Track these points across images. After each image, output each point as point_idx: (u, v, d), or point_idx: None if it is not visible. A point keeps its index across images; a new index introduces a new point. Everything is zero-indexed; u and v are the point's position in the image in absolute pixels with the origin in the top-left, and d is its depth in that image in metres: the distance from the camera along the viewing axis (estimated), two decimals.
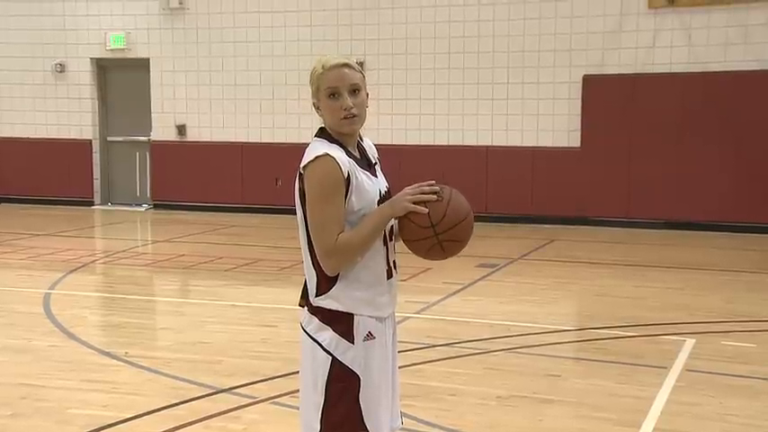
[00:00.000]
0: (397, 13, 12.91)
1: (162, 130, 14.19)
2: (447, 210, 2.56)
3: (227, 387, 5.06)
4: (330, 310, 2.62)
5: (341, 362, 2.60)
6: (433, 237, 2.56)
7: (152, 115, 14.24)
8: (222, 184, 13.77)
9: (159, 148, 14.20)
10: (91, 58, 14.41)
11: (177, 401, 4.80)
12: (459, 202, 2.61)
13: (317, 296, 2.64)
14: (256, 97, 13.70)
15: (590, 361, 5.90)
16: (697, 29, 11.70)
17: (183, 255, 9.87)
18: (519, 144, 12.52)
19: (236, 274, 8.76)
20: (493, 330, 6.38)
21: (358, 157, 2.67)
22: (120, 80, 14.57)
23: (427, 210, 2.54)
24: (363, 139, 2.77)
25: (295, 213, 2.70)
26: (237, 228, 12.28)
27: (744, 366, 5.52)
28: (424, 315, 6.93)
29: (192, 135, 14.08)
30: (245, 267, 9.08)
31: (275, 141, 13.58)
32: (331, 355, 2.61)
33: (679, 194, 11.71)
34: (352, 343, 2.61)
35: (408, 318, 6.67)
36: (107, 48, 14.27)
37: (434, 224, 2.54)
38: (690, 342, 6.05)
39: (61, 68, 14.47)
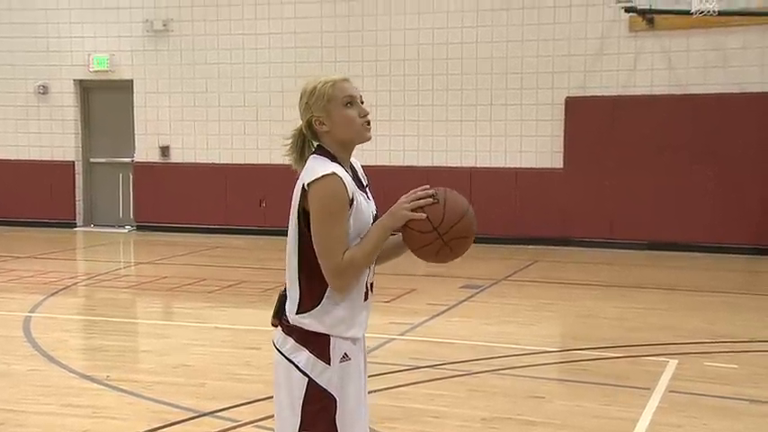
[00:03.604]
0: (380, 35, 12.99)
1: (145, 152, 14.16)
2: (445, 210, 2.57)
3: (209, 410, 5.02)
4: (307, 330, 2.61)
5: (317, 383, 2.59)
6: (438, 239, 2.56)
7: (135, 137, 14.21)
8: (206, 205, 13.74)
9: (142, 170, 14.16)
10: (74, 80, 14.38)
11: (159, 425, 4.76)
12: (455, 199, 2.62)
13: (297, 313, 2.62)
14: (240, 119, 13.71)
15: (574, 382, 5.90)
16: (677, 52, 11.84)
17: (166, 277, 9.82)
18: (502, 165, 12.59)
19: (219, 296, 8.72)
20: (477, 352, 6.38)
21: (351, 176, 2.67)
22: (104, 102, 14.54)
23: (426, 215, 2.54)
24: (352, 159, 2.78)
25: (285, 235, 2.68)
26: (221, 249, 12.25)
27: (726, 387, 5.54)
28: (408, 336, 6.92)
29: (176, 156, 14.06)
30: (228, 289, 9.05)
31: (259, 163, 13.58)
32: (307, 376, 2.60)
33: (661, 216, 11.80)
34: (329, 364, 2.60)
35: (392, 339, 6.66)
36: (90, 69, 14.25)
37: (436, 227, 2.55)
38: (673, 363, 6.07)
39: (44, 90, 14.42)
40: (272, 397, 2.57)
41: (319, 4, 13.22)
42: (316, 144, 2.69)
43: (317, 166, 2.57)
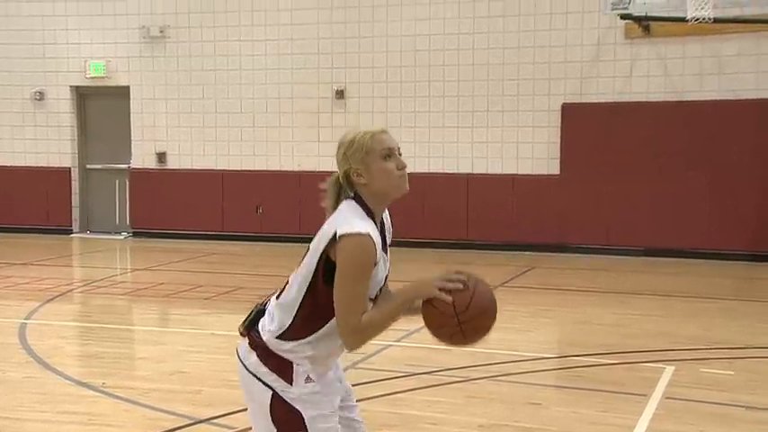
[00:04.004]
0: (377, 42, 13.01)
1: (142, 158, 14.15)
2: (472, 299, 2.56)
3: (205, 417, 5.00)
4: (269, 350, 2.62)
5: (281, 396, 2.60)
6: (456, 325, 2.55)
7: (132, 143, 14.21)
8: (202, 211, 13.73)
9: (139, 176, 14.15)
10: (70, 86, 14.38)
11: None
12: (483, 292, 2.60)
13: (277, 337, 2.62)
14: (237, 125, 13.72)
15: (571, 389, 5.90)
16: (672, 59, 11.88)
17: (163, 283, 9.80)
18: (499, 171, 12.60)
19: (215, 302, 8.71)
20: (474, 358, 6.37)
21: (380, 234, 2.64)
22: (100, 108, 14.54)
23: (452, 299, 2.53)
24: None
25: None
26: (217, 256, 12.23)
27: (722, 394, 5.54)
28: (405, 343, 6.90)
29: (172, 163, 14.05)
30: (224, 296, 9.03)
31: (256, 169, 13.58)
32: (271, 389, 2.61)
33: (658, 222, 11.81)
34: (291, 385, 2.61)
35: (389, 346, 6.65)
36: (87, 76, 14.26)
37: (458, 313, 2.54)
38: (669, 370, 6.06)
39: (40, 96, 14.42)
40: None
41: (316, 11, 13.24)
42: (352, 193, 2.66)
43: (354, 220, 2.55)
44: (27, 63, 14.43)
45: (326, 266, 2.55)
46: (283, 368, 2.61)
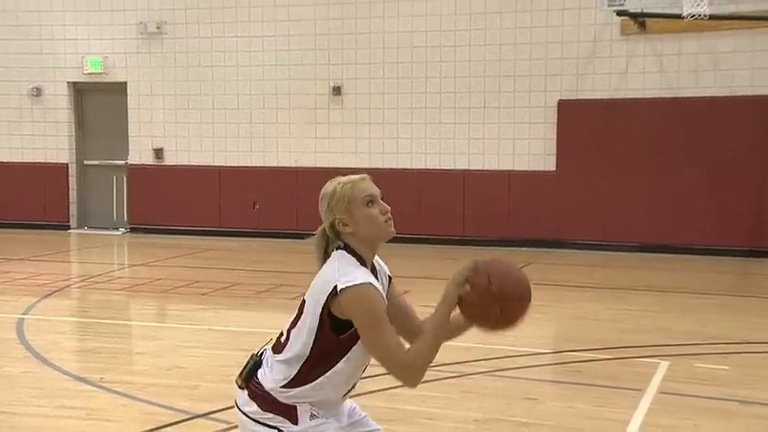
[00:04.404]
0: (374, 38, 13.00)
1: (139, 154, 14.14)
2: (490, 274, 2.56)
3: (203, 412, 5.01)
4: (270, 400, 2.61)
5: None
6: (492, 304, 2.55)
7: (129, 139, 14.19)
8: (199, 207, 13.72)
9: (136, 172, 14.14)
10: (68, 82, 14.35)
11: (153, 427, 4.76)
12: (497, 262, 2.62)
13: (282, 387, 2.61)
14: (234, 121, 13.70)
15: (567, 384, 5.91)
16: (668, 55, 11.89)
17: (160, 279, 9.80)
18: (495, 168, 12.61)
19: (212, 298, 8.71)
20: (470, 353, 6.37)
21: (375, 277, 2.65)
22: (98, 104, 14.52)
23: (470, 285, 2.55)
24: (376, 259, 2.75)
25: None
26: (214, 252, 12.23)
27: (717, 389, 5.56)
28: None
29: (170, 159, 14.04)
30: (221, 291, 9.03)
31: (253, 165, 13.57)
32: (275, 428, 2.61)
33: (653, 218, 11.83)
34: (296, 425, 2.60)
35: None
36: (84, 72, 14.23)
37: (484, 292, 2.54)
38: (664, 364, 6.08)
39: (37, 92, 14.39)
40: None
41: (313, 8, 13.22)
42: (342, 243, 2.66)
43: (351, 271, 2.55)
44: (24, 59, 14.39)
45: (331, 319, 2.56)
46: (287, 411, 2.61)
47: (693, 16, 9.92)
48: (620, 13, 11.07)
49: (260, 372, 2.67)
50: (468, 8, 12.59)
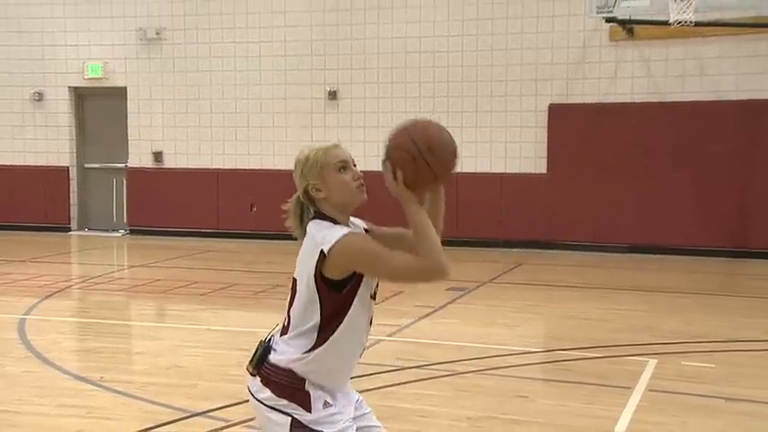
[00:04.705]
0: (368, 44, 13.00)
1: (139, 157, 14.11)
2: (408, 131, 2.65)
3: (201, 410, 5.00)
4: (285, 384, 2.59)
5: (300, 422, 2.58)
6: (417, 156, 2.61)
7: (129, 142, 14.16)
8: (198, 209, 13.70)
9: (136, 175, 14.11)
10: (69, 87, 14.33)
11: (152, 425, 4.74)
12: (411, 131, 2.68)
13: (303, 353, 2.58)
14: (231, 125, 13.69)
15: (557, 382, 5.92)
16: (656, 61, 11.92)
17: (159, 279, 9.78)
18: (488, 170, 12.61)
19: (211, 298, 8.70)
20: (463, 352, 6.38)
21: None
22: (98, 108, 14.49)
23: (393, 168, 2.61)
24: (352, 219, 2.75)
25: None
26: (213, 253, 12.21)
27: (703, 386, 5.56)
28: (396, 338, 6.92)
29: (169, 162, 14.02)
30: (220, 292, 9.02)
31: (250, 168, 13.56)
32: (290, 416, 2.59)
33: (642, 220, 11.85)
34: (309, 412, 2.59)
35: (381, 340, 6.66)
36: (85, 77, 14.20)
37: (412, 147, 2.61)
38: (652, 363, 6.09)
39: (39, 97, 14.36)
40: None
41: (309, 14, 13.22)
42: (313, 210, 2.67)
43: (329, 232, 2.56)
44: (26, 64, 14.36)
45: (327, 283, 2.55)
46: (300, 398, 2.59)
47: (680, 23, 9.94)
48: (608, 20, 11.09)
49: (271, 356, 2.64)
50: (460, 15, 12.61)
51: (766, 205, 11.37)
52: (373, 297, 2.68)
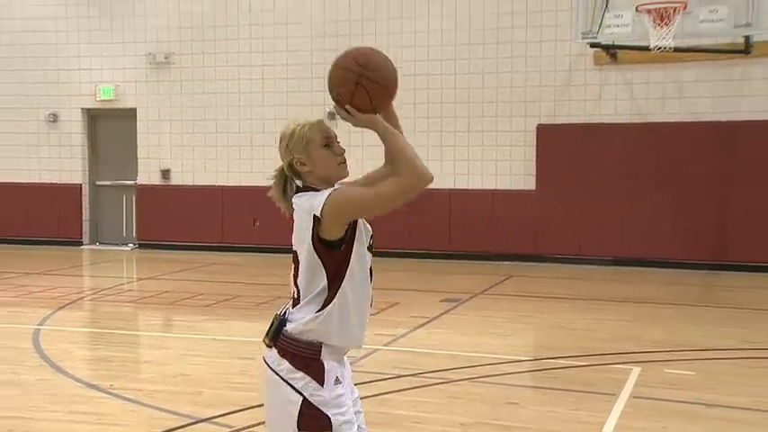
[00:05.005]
0: None
1: (147, 175, 14.12)
2: (355, 57, 2.65)
3: (206, 417, 4.99)
4: (302, 355, 2.57)
5: (311, 402, 2.55)
6: (360, 77, 2.60)
7: (138, 161, 14.17)
8: (203, 224, 13.70)
9: (145, 192, 14.12)
10: (82, 109, 14.36)
11: (159, 431, 4.72)
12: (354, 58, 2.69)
13: (317, 312, 2.56)
14: (236, 144, 13.72)
15: (546, 389, 5.91)
16: (638, 84, 11.97)
17: (167, 291, 9.76)
18: (479, 187, 12.64)
19: (215, 309, 8.68)
20: (456, 361, 6.37)
21: None
22: (109, 129, 14.51)
23: (347, 102, 2.60)
24: None
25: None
26: (217, 266, 12.20)
27: (684, 393, 5.56)
28: (392, 347, 6.91)
29: (176, 179, 14.03)
30: (224, 303, 9.01)
31: (253, 185, 13.55)
32: (302, 395, 2.56)
33: (626, 234, 11.86)
34: (322, 386, 2.57)
35: (377, 350, 6.65)
36: (97, 99, 14.24)
37: (354, 61, 2.63)
38: (636, 371, 6.08)
39: (54, 118, 14.40)
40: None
41: (309, 39, 13.28)
42: (298, 183, 2.69)
43: (315, 199, 2.56)
44: (42, 87, 14.41)
45: (326, 244, 2.55)
46: (315, 369, 2.57)
47: (660, 48, 9.99)
48: (593, 45, 11.15)
49: (287, 326, 2.62)
50: (453, 40, 12.67)
51: (741, 221, 11.41)
52: (371, 250, 2.66)
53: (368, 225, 2.71)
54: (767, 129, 11.29)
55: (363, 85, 2.61)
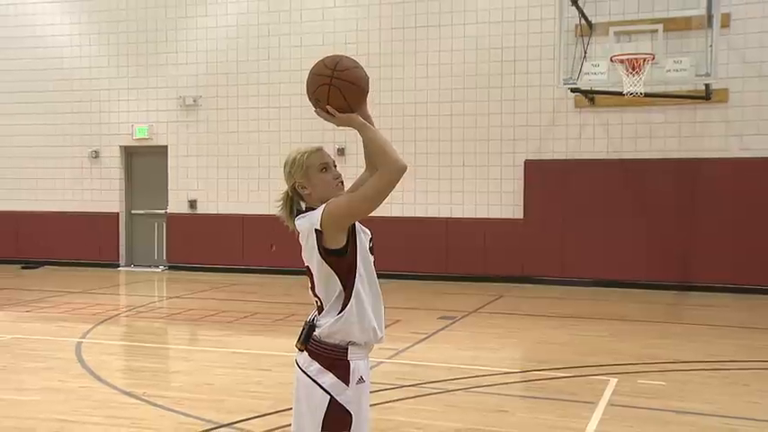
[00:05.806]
0: (371, 109, 13.10)
1: (177, 204, 14.21)
2: (328, 62, 2.62)
3: (228, 422, 4.99)
4: (331, 357, 2.59)
5: (338, 401, 2.58)
6: (331, 79, 2.59)
7: (169, 192, 14.27)
8: (226, 249, 13.74)
9: (174, 219, 14.19)
10: (120, 146, 14.50)
11: None
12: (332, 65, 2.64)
13: (338, 314, 2.58)
14: (255, 177, 13.81)
15: (533, 398, 5.90)
16: (613, 125, 12.06)
17: (193, 309, 9.78)
18: (473, 216, 12.68)
19: (236, 325, 8.69)
20: (452, 373, 6.37)
21: None
22: (143, 163, 14.63)
23: (326, 105, 2.62)
24: None
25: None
26: (238, 286, 12.21)
27: (656, 401, 5.55)
28: (395, 360, 6.91)
29: (202, 208, 14.11)
30: (244, 319, 9.02)
31: (270, 214, 13.56)
32: (330, 395, 2.58)
33: (604, 258, 11.87)
34: (347, 385, 2.59)
35: (381, 363, 6.65)
36: (133, 137, 14.39)
37: (325, 66, 2.60)
38: (613, 381, 6.08)
39: (95, 155, 14.55)
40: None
41: None
42: (300, 206, 2.73)
43: (312, 215, 2.62)
44: (85, 127, 14.59)
45: (333, 253, 2.58)
46: (342, 369, 2.59)
47: (632, 94, 10.09)
48: (573, 90, 11.25)
49: (316, 332, 2.63)
50: (449, 85, 12.80)
51: (705, 247, 11.42)
52: (371, 251, 2.70)
53: (366, 229, 2.74)
54: (725, 165, 11.35)
55: (336, 86, 2.63)
